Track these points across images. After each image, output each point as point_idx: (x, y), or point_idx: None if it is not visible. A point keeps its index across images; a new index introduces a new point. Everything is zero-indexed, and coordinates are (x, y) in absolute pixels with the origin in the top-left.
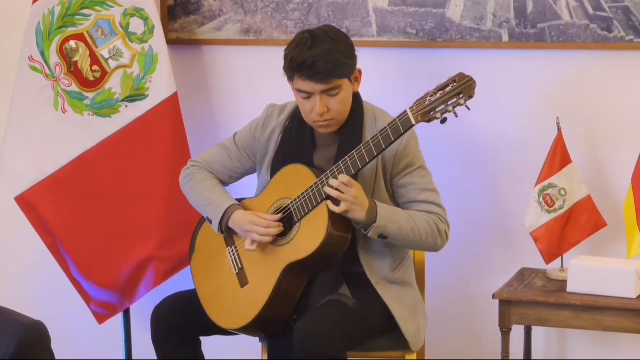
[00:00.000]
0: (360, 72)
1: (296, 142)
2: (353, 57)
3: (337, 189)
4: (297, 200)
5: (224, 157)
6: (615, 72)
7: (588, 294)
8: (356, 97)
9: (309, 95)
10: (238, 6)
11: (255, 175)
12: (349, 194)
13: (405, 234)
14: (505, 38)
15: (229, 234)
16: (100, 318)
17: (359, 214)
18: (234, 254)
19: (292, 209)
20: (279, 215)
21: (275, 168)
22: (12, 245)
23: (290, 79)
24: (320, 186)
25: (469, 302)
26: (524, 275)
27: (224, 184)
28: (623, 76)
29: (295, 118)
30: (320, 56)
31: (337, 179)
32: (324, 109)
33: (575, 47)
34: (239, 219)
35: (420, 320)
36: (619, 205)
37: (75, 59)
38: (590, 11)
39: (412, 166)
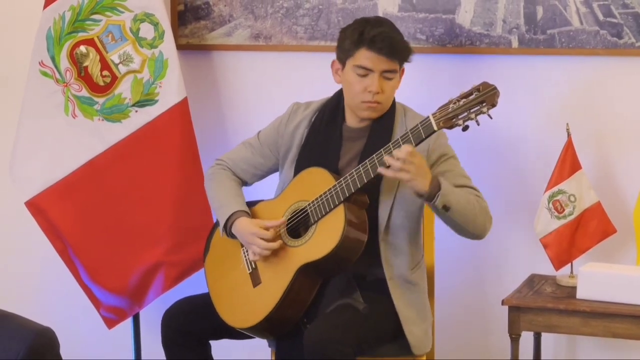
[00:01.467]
0: (403, 70)
1: (324, 135)
2: (411, 49)
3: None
4: (315, 202)
5: (247, 155)
6: (625, 78)
7: (598, 301)
8: None
9: (366, 73)
10: (248, 12)
11: (276, 175)
12: (412, 166)
13: (463, 205)
14: (515, 44)
15: (234, 238)
16: (110, 323)
17: (421, 184)
18: (248, 254)
19: (309, 210)
20: (283, 220)
21: (300, 162)
22: (22, 249)
23: (348, 55)
24: (338, 188)
25: (477, 308)
26: (533, 281)
27: (247, 183)
28: (633, 82)
29: (325, 112)
30: (390, 35)
31: (356, 182)
32: (379, 88)
33: (585, 53)
34: (241, 228)
35: (428, 326)
36: (628, 211)
37: (86, 64)
38: (600, 17)
39: (445, 156)
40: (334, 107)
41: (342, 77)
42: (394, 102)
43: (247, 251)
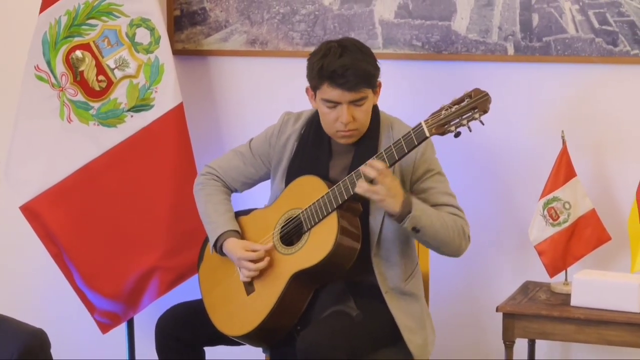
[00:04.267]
0: (380, 84)
1: (312, 149)
2: (378, 69)
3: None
4: (308, 209)
5: (238, 164)
6: (620, 85)
7: (592, 308)
8: (373, 106)
9: (335, 104)
10: (244, 17)
11: (267, 183)
12: (382, 187)
13: (436, 228)
14: (511, 51)
15: (224, 256)
16: (104, 328)
17: (392, 205)
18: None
19: (302, 217)
20: (270, 245)
21: (290, 175)
22: (17, 254)
23: (316, 88)
24: (331, 196)
25: (472, 315)
26: (527, 288)
27: (237, 191)
28: (628, 90)
29: (312, 126)
30: (351, 65)
31: (349, 190)
32: (349, 119)
33: (580, 61)
34: (230, 250)
35: (428, 334)
36: (623, 219)
37: (81, 68)
38: (596, 25)
39: (431, 172)
40: (319, 123)
41: (316, 105)
42: (379, 115)
43: None
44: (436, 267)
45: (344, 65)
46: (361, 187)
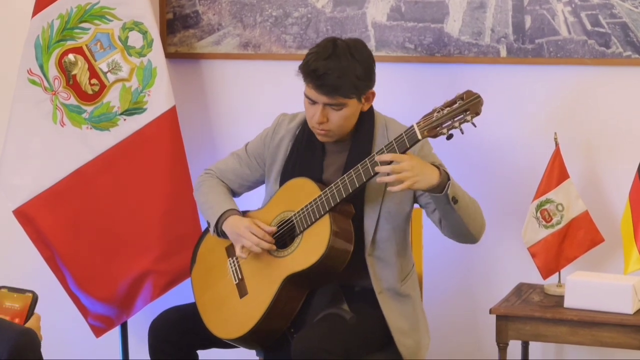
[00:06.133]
0: (373, 94)
1: (307, 149)
2: (368, 80)
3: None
4: (300, 212)
5: (235, 166)
6: (613, 87)
7: (585, 310)
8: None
9: (313, 101)
10: (237, 20)
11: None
12: (402, 170)
13: (467, 201)
14: (503, 53)
15: (224, 237)
16: (98, 331)
17: (427, 179)
18: (234, 265)
19: (294, 220)
20: (274, 228)
21: (284, 175)
22: (10, 257)
23: (303, 80)
24: (323, 198)
25: (465, 316)
26: (521, 290)
27: (235, 193)
28: (621, 92)
29: (307, 126)
30: (332, 70)
31: (342, 192)
32: (322, 119)
33: (573, 63)
34: (233, 223)
35: (422, 336)
36: (616, 220)
37: (74, 72)
38: (588, 27)
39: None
40: None
41: None
42: (373, 115)
43: (233, 262)
44: (430, 269)
45: (325, 68)
46: (385, 178)
